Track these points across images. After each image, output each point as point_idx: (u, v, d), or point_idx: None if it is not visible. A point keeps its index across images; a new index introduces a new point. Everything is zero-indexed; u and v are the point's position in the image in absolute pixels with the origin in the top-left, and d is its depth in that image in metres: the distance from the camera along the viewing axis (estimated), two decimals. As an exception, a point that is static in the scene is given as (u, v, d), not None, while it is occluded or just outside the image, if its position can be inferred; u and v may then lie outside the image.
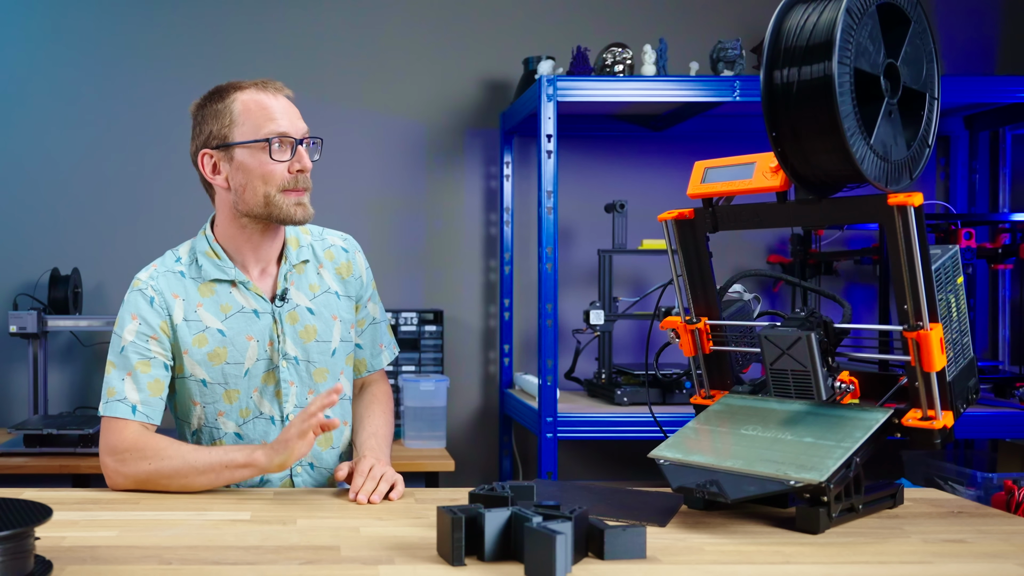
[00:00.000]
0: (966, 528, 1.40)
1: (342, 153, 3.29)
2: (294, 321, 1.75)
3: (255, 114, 1.68)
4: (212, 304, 1.73)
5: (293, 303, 1.76)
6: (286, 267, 1.76)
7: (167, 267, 1.77)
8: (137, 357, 1.70)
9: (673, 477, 1.42)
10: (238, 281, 1.74)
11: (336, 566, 1.20)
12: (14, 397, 3.26)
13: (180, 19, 3.30)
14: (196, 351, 1.71)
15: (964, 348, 1.48)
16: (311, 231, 1.86)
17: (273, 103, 1.69)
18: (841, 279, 3.37)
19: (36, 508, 1.16)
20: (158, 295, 1.72)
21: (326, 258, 1.83)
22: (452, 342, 3.34)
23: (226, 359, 1.72)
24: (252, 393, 1.74)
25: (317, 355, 1.76)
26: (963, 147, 3.39)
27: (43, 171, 3.28)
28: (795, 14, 1.42)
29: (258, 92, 1.70)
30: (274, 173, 1.67)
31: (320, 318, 1.77)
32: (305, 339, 1.76)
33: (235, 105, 1.69)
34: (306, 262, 1.80)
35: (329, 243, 1.85)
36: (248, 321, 1.73)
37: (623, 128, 3.33)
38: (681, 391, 2.82)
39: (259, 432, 1.75)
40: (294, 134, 1.68)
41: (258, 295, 1.74)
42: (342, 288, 1.83)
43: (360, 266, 1.87)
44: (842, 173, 1.41)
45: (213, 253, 1.75)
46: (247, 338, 1.73)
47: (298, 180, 1.68)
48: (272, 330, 1.74)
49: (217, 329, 1.72)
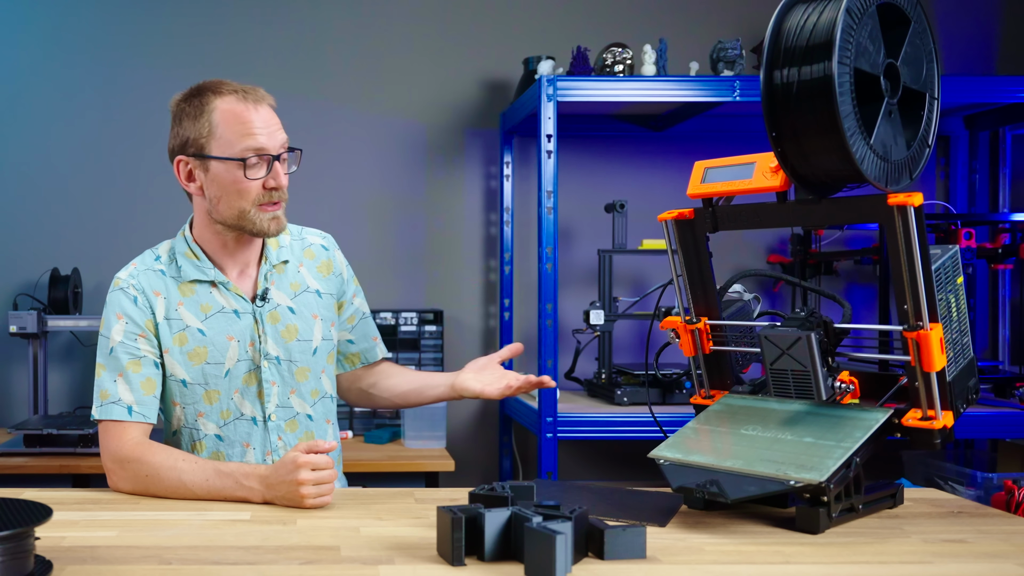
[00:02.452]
0: (966, 528, 1.40)
1: (342, 153, 3.29)
2: (275, 321, 1.74)
3: (232, 127, 1.65)
4: (192, 304, 1.72)
5: (274, 303, 1.75)
6: (266, 267, 1.76)
7: (147, 265, 1.75)
8: (128, 357, 1.68)
9: (673, 477, 1.42)
10: (218, 281, 1.73)
11: (336, 566, 1.20)
12: (14, 397, 3.26)
13: (180, 19, 3.29)
14: (176, 350, 1.70)
15: (964, 348, 1.48)
16: (290, 230, 1.85)
17: (252, 116, 1.66)
18: (841, 279, 3.37)
19: (36, 508, 1.16)
20: (140, 293, 1.71)
21: (306, 257, 1.83)
22: (452, 342, 3.34)
23: (206, 359, 1.70)
24: (233, 394, 1.72)
25: (299, 354, 1.76)
26: (963, 147, 3.39)
27: (43, 171, 3.28)
28: (795, 14, 1.42)
29: (238, 102, 1.66)
30: (249, 191, 1.66)
31: (301, 317, 1.77)
32: (287, 339, 1.75)
33: (214, 115, 1.66)
34: (286, 262, 1.79)
35: (309, 242, 1.85)
36: (228, 321, 1.72)
37: (623, 128, 3.33)
38: (681, 391, 2.82)
39: (241, 434, 1.73)
40: (271, 149, 1.66)
41: (238, 295, 1.74)
42: (323, 286, 1.82)
43: (340, 263, 1.87)
44: (842, 173, 1.41)
45: (192, 254, 1.74)
46: (228, 338, 1.72)
47: (272, 195, 1.67)
48: (253, 330, 1.73)
49: (197, 328, 1.71)
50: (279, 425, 1.74)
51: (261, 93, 1.70)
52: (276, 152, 1.67)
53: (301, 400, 1.77)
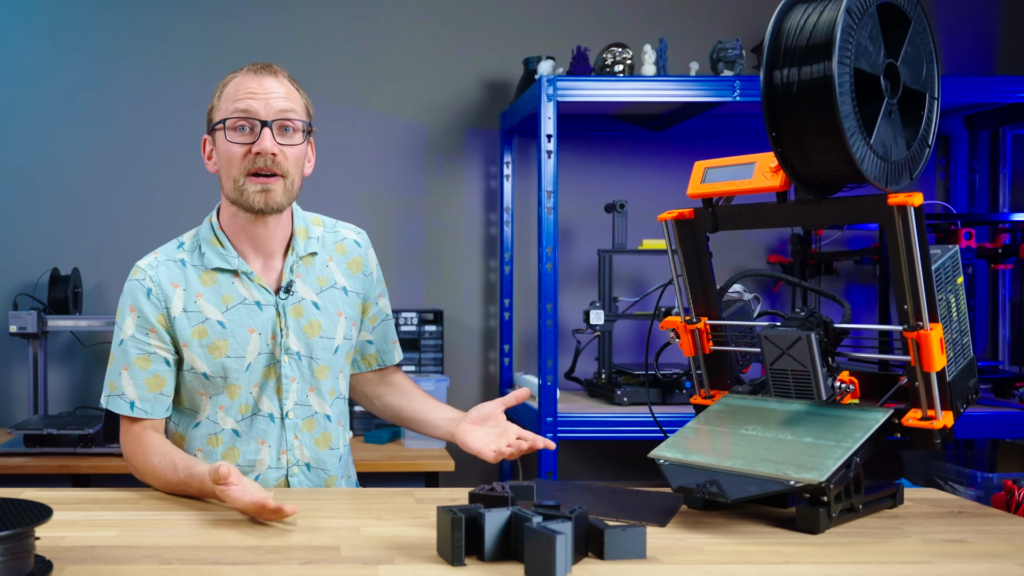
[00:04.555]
0: (966, 528, 1.40)
1: (342, 153, 3.29)
2: (298, 315, 1.70)
3: (230, 95, 1.65)
4: (213, 294, 1.69)
5: (299, 296, 1.71)
6: (292, 258, 1.71)
7: (168, 255, 1.72)
8: (136, 352, 1.68)
9: (673, 477, 1.42)
10: (241, 271, 1.69)
11: (336, 566, 1.20)
12: (14, 397, 3.26)
13: (180, 19, 3.30)
14: (196, 343, 1.67)
15: (964, 348, 1.48)
16: (323, 222, 1.81)
17: (250, 83, 1.63)
18: (841, 279, 3.37)
19: (36, 508, 1.16)
20: (156, 286, 1.68)
21: (337, 251, 1.78)
22: (452, 342, 3.34)
23: (226, 352, 1.67)
24: (252, 388, 1.69)
25: (320, 351, 1.72)
26: (963, 147, 3.39)
27: (43, 171, 3.28)
28: (795, 14, 1.42)
29: (246, 74, 1.65)
30: (233, 154, 1.63)
31: (325, 313, 1.73)
32: (309, 334, 1.71)
33: (225, 88, 1.67)
34: (314, 254, 1.75)
35: (342, 236, 1.80)
36: (250, 313, 1.69)
37: (623, 128, 3.33)
38: (681, 391, 2.82)
39: (257, 431, 1.70)
40: (260, 114, 1.62)
41: (262, 286, 1.70)
42: (350, 284, 1.78)
43: (372, 263, 1.83)
44: (842, 173, 1.41)
45: (217, 241, 1.71)
46: (248, 331, 1.68)
47: (256, 162, 1.62)
48: (275, 323, 1.69)
49: (217, 321, 1.67)
50: (296, 423, 1.71)
51: (274, 68, 1.68)
52: (266, 118, 1.62)
53: (320, 399, 1.73)
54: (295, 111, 1.66)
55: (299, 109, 1.67)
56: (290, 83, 1.69)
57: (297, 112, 1.66)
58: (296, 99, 1.67)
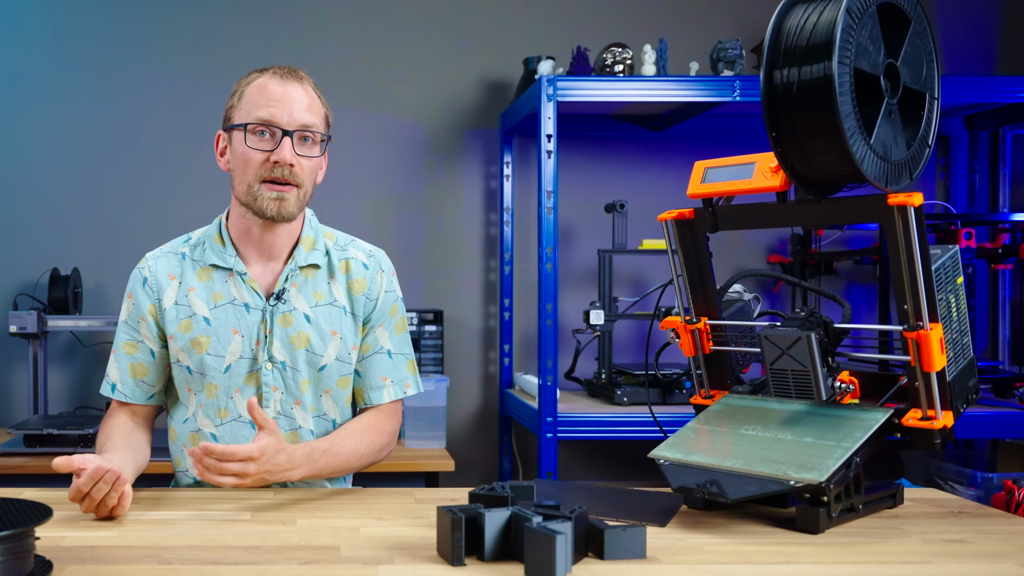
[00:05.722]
0: (966, 528, 1.40)
1: (342, 153, 3.29)
2: (287, 324, 1.69)
3: (253, 98, 1.64)
4: (205, 290, 1.70)
5: (290, 305, 1.69)
6: (291, 266, 1.70)
7: (173, 248, 1.77)
8: (126, 337, 1.74)
9: (673, 477, 1.42)
10: (236, 271, 1.70)
11: (336, 566, 1.20)
12: (14, 397, 3.26)
13: (181, 19, 3.29)
14: (180, 336, 1.69)
15: (964, 348, 1.48)
16: (337, 237, 1.78)
17: (274, 88, 1.63)
18: (841, 279, 3.37)
19: (36, 508, 1.16)
20: (152, 276, 1.72)
21: (340, 269, 1.74)
22: (452, 342, 3.34)
23: (207, 349, 1.67)
24: (233, 393, 1.69)
25: (304, 365, 1.69)
26: (963, 147, 3.40)
27: (43, 171, 3.28)
28: (795, 14, 1.42)
29: (271, 77, 1.64)
30: (251, 160, 1.63)
31: (317, 328, 1.70)
32: (296, 345, 1.68)
33: (247, 89, 1.66)
34: (316, 267, 1.72)
35: (350, 255, 1.75)
36: (237, 314, 1.69)
37: (623, 128, 3.33)
38: (681, 391, 2.82)
39: (238, 437, 1.68)
40: (282, 123, 1.61)
41: (253, 289, 1.69)
42: (350, 304, 1.73)
43: (378, 287, 1.75)
44: (842, 173, 1.41)
45: (220, 239, 1.72)
46: (232, 331, 1.68)
47: (273, 171, 1.62)
48: (260, 328, 1.68)
49: (203, 317, 1.69)
50: None
51: (300, 74, 1.67)
52: (288, 128, 1.62)
53: (304, 413, 1.71)
54: (316, 125, 1.66)
55: (319, 122, 1.67)
56: (314, 91, 1.69)
57: (318, 125, 1.67)
58: (318, 110, 1.67)
